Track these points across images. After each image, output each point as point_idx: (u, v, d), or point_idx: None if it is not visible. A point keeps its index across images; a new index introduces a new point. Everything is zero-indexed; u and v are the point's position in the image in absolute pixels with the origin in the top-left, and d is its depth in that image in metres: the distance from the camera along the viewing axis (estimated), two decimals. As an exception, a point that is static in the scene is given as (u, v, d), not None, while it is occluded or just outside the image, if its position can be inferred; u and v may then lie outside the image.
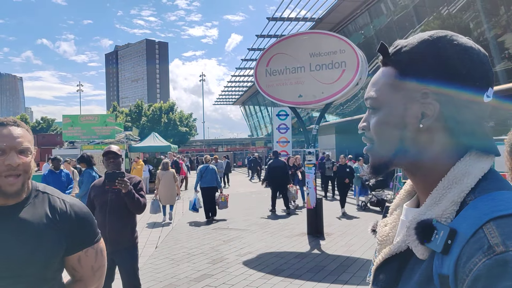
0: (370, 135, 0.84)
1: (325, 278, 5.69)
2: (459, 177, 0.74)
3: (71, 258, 1.54)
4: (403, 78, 0.78)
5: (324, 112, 9.16)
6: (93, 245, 1.59)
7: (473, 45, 0.78)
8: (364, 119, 0.86)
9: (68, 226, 1.50)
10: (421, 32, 0.81)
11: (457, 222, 0.69)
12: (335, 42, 8.22)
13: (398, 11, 20.49)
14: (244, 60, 30.93)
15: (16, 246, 1.38)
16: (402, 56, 0.79)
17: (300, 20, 22.49)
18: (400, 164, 0.82)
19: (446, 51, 0.76)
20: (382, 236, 0.87)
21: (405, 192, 0.93)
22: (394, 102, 0.79)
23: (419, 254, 0.72)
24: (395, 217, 0.89)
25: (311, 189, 8.47)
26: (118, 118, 41.49)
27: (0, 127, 1.43)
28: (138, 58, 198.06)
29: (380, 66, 0.86)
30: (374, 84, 0.84)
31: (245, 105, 60.44)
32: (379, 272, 0.82)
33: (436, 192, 0.75)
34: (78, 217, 1.55)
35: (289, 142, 20.10)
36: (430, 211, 0.73)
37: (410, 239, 0.73)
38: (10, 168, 1.37)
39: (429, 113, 0.76)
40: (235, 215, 11.40)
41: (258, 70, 8.80)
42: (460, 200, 0.72)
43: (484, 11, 15.47)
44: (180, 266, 6.39)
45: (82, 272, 1.58)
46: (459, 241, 0.66)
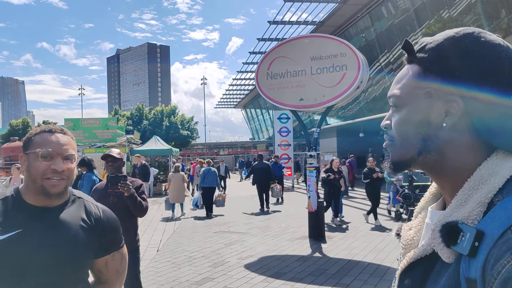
0: (392, 133, 0.82)
1: (326, 282, 5.68)
2: (486, 177, 0.71)
3: (99, 261, 1.63)
4: (427, 76, 0.77)
5: (325, 115, 9.17)
6: (119, 250, 1.70)
7: (502, 42, 0.75)
8: (387, 117, 0.85)
9: (100, 231, 1.60)
10: (442, 32, 0.80)
11: (484, 224, 0.66)
12: (336, 45, 8.24)
13: (399, 14, 20.52)
14: (245, 64, 31.00)
15: (58, 245, 1.47)
16: (427, 53, 0.78)
17: (301, 23, 22.54)
18: (423, 164, 0.79)
19: (473, 48, 0.73)
20: (406, 240, 0.85)
21: (430, 194, 0.90)
22: (418, 100, 0.78)
23: (445, 258, 0.69)
24: (419, 220, 0.87)
25: (312, 192, 8.47)
26: (119, 121, 41.56)
27: (49, 134, 1.52)
28: (139, 61, 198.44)
29: (405, 64, 0.84)
30: (398, 82, 0.83)
31: (247, 108, 60.48)
32: (404, 276, 0.80)
33: (461, 193, 0.72)
34: (109, 222, 1.66)
35: (290, 145, 20.11)
36: (456, 213, 0.71)
37: (436, 242, 0.70)
38: (55, 172, 1.46)
39: (452, 111, 0.74)
40: (236, 219, 11.40)
41: (259, 74, 8.82)
42: (487, 201, 0.69)
43: (485, 14, 15.48)
44: (181, 270, 6.39)
45: (107, 275, 1.67)
46: (487, 243, 0.63)
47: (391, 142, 0.83)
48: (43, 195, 1.47)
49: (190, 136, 52.21)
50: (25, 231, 1.44)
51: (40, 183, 1.45)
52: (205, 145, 60.52)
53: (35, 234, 1.45)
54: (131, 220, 3.85)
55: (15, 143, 39.38)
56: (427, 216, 0.84)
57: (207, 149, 57.57)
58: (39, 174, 1.45)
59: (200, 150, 58.67)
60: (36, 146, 1.49)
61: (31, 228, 1.45)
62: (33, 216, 1.47)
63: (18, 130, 57.88)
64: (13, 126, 58.93)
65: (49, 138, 1.50)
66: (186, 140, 51.38)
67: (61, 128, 1.57)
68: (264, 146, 53.60)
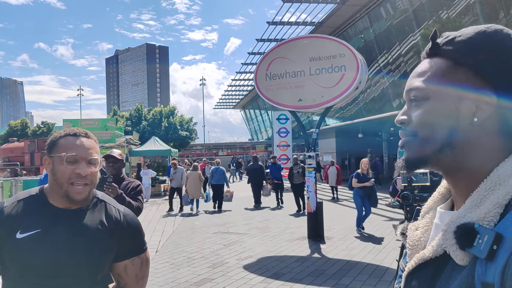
0: (412, 128, 0.78)
1: (325, 282, 5.68)
2: (504, 178, 0.68)
3: (118, 265, 1.62)
4: (459, 68, 0.74)
5: (324, 116, 9.18)
6: (140, 255, 1.67)
7: None
8: (403, 112, 0.81)
9: (120, 234, 1.59)
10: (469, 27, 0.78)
11: (503, 226, 0.63)
12: (335, 46, 8.25)
13: (398, 15, 20.55)
14: (244, 64, 31.03)
15: (75, 247, 1.47)
16: (458, 46, 0.75)
17: (300, 24, 22.57)
18: (441, 162, 0.76)
19: (505, 44, 0.72)
20: (413, 241, 0.82)
21: (439, 194, 0.87)
22: (447, 93, 0.74)
23: (458, 260, 0.66)
24: (427, 220, 0.84)
25: (311, 193, 8.48)
26: (118, 122, 41.52)
27: (73, 138, 1.54)
28: (138, 62, 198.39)
29: (423, 58, 0.82)
30: (420, 75, 0.79)
31: (246, 109, 60.53)
32: (411, 278, 0.77)
33: (477, 193, 0.70)
34: (129, 226, 1.64)
35: (289, 146, 20.13)
36: (470, 214, 0.68)
37: (448, 243, 0.68)
38: (79, 177, 1.47)
39: (484, 107, 0.71)
40: (235, 219, 11.41)
41: (258, 74, 8.83)
42: (505, 202, 0.66)
43: (483, 15, 15.51)
44: (180, 270, 6.39)
45: (126, 279, 1.66)
46: (507, 247, 0.61)
47: (411, 138, 0.78)
48: (67, 200, 1.49)
49: (189, 136, 52.21)
50: (44, 231, 1.45)
51: (65, 188, 1.48)
52: (204, 145, 60.54)
53: (53, 235, 1.46)
54: None
55: (13, 144, 39.36)
56: (436, 216, 0.82)
57: (206, 150, 57.58)
58: (65, 178, 1.48)
59: (199, 150, 58.67)
60: (61, 149, 1.50)
61: (50, 229, 1.47)
62: (54, 217, 1.49)
63: (17, 131, 57.79)
64: (12, 127, 58.84)
65: (74, 142, 1.52)
66: (185, 141, 51.37)
67: (85, 132, 1.58)
68: (263, 146, 53.63)
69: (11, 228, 1.43)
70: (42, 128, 61.52)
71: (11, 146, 39.04)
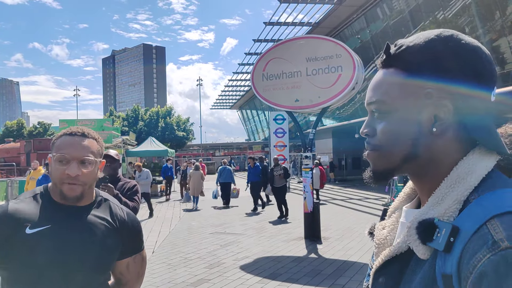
0: (376, 140, 0.80)
1: (322, 282, 5.68)
2: (463, 175, 0.72)
3: (121, 263, 1.64)
4: (415, 79, 0.75)
5: (321, 116, 9.19)
6: (141, 252, 1.71)
7: (480, 45, 0.76)
8: (367, 124, 0.82)
9: (125, 233, 1.61)
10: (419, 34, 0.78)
11: (460, 220, 0.67)
12: (331, 46, 8.26)
13: (394, 15, 20.61)
14: (241, 65, 31.02)
15: (82, 244, 1.47)
16: (411, 56, 0.76)
17: (297, 24, 22.59)
18: (409, 169, 0.79)
19: (458, 50, 0.73)
20: (380, 239, 0.85)
21: (404, 194, 0.90)
22: (406, 104, 0.76)
23: (420, 254, 0.69)
24: (393, 219, 0.87)
25: (308, 193, 8.49)
26: (115, 122, 41.41)
27: (68, 137, 1.52)
28: (135, 62, 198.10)
29: (379, 68, 0.83)
30: (378, 87, 0.80)
31: (242, 109, 60.52)
32: (378, 275, 0.80)
33: (439, 191, 0.73)
34: (132, 225, 1.67)
35: (286, 146, 20.14)
36: (432, 211, 0.71)
37: (411, 239, 0.71)
38: (69, 177, 1.46)
39: (442, 116, 0.74)
40: (232, 220, 11.41)
41: (255, 75, 8.83)
42: (463, 198, 0.70)
43: (479, 16, 15.58)
44: (177, 271, 6.38)
45: (129, 277, 1.68)
46: (462, 239, 0.64)
47: (376, 151, 0.80)
48: (62, 197, 1.50)
49: (186, 137, 52.14)
50: (54, 227, 1.45)
51: (59, 187, 1.49)
52: (201, 146, 60.49)
53: (62, 231, 1.46)
54: None
55: (9, 144, 39.28)
56: (401, 215, 0.84)
57: (203, 150, 57.51)
58: (57, 178, 1.48)
59: (196, 151, 58.58)
60: (56, 149, 1.50)
61: (59, 225, 1.47)
62: (61, 214, 1.50)
63: (13, 131, 57.56)
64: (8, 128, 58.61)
65: (67, 141, 1.51)
66: (182, 141, 51.30)
67: (82, 131, 1.55)
68: (260, 147, 53.62)
69: (19, 223, 1.42)
70: (38, 128, 61.30)
71: (7, 147, 38.98)
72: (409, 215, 0.79)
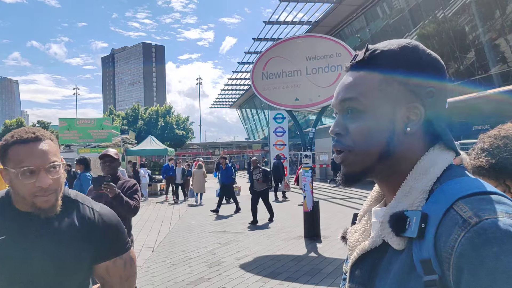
0: (349, 141, 0.81)
1: (322, 281, 5.69)
2: (426, 167, 0.77)
3: (99, 267, 1.51)
4: (390, 82, 0.79)
5: (320, 115, 9.19)
6: (122, 255, 1.56)
7: (439, 57, 0.83)
8: (337, 123, 0.83)
9: (96, 236, 1.47)
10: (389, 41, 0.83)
11: (427, 207, 0.72)
12: (331, 45, 8.26)
13: (394, 14, 20.61)
14: (240, 63, 31.00)
15: (43, 254, 1.36)
16: (387, 61, 0.79)
17: (297, 23, 22.58)
18: (378, 171, 0.81)
19: (426, 58, 0.79)
20: (352, 242, 0.87)
21: (372, 198, 0.93)
22: (382, 105, 0.79)
23: (395, 245, 0.73)
24: (364, 223, 0.89)
25: (307, 192, 8.49)
26: (114, 121, 41.41)
27: (23, 146, 1.35)
28: (134, 61, 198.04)
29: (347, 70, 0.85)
30: (352, 87, 0.81)
31: (242, 108, 60.52)
32: (355, 268, 0.83)
33: (405, 185, 0.77)
34: (106, 226, 1.51)
35: (286, 145, 20.14)
36: (401, 203, 0.75)
37: (385, 232, 0.74)
38: (41, 190, 1.33)
39: (414, 118, 0.78)
40: (231, 218, 11.41)
41: (255, 74, 8.82)
42: (428, 188, 0.74)
43: (479, 15, 15.57)
44: (177, 270, 6.38)
45: (111, 281, 1.55)
46: (432, 223, 0.68)
47: (348, 152, 0.81)
48: (35, 210, 1.37)
49: (186, 136, 52.16)
50: (10, 238, 1.34)
51: (30, 200, 1.35)
52: (200, 145, 60.47)
53: (22, 241, 1.35)
54: (123, 220, 3.83)
55: (9, 143, 39.21)
56: (372, 217, 0.86)
57: (202, 149, 57.51)
58: (27, 193, 1.34)
59: (195, 150, 58.58)
60: (13, 163, 1.33)
61: (17, 235, 1.35)
62: (20, 223, 1.37)
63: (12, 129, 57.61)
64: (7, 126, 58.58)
65: (25, 151, 1.33)
66: (182, 140, 51.31)
67: (35, 134, 1.38)
68: (259, 146, 53.63)
69: None
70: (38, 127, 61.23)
71: (6, 145, 38.95)
72: (379, 213, 0.82)
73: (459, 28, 17.02)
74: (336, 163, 0.84)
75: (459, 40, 17.14)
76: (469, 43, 16.67)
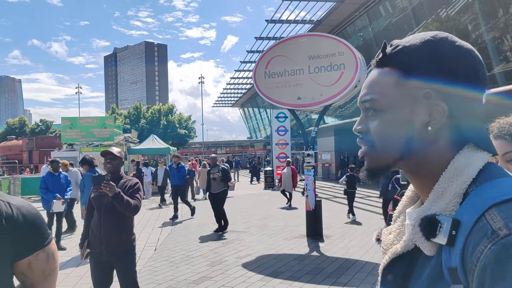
0: (370, 138, 0.81)
1: (324, 280, 5.68)
2: (460, 168, 0.73)
3: (21, 263, 1.41)
4: (410, 79, 0.76)
5: (323, 114, 9.17)
6: (44, 248, 1.47)
7: (472, 47, 0.78)
8: (360, 121, 0.84)
9: (15, 230, 1.38)
10: (418, 33, 0.80)
11: (459, 213, 0.68)
12: (334, 44, 8.25)
13: (397, 13, 20.54)
14: (243, 62, 30.98)
15: None
16: (407, 57, 0.77)
17: (299, 22, 22.54)
18: (403, 166, 0.80)
19: (452, 52, 0.75)
20: (387, 245, 0.85)
21: (407, 198, 0.90)
22: (400, 103, 0.77)
23: (426, 251, 0.70)
24: (399, 224, 0.87)
25: (310, 191, 8.48)
26: (117, 120, 41.46)
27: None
28: (137, 60, 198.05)
29: (374, 67, 0.83)
30: (373, 85, 0.81)
31: (244, 107, 60.49)
32: (387, 272, 0.81)
33: (438, 186, 0.74)
34: (26, 220, 1.42)
35: (288, 144, 20.13)
36: (434, 206, 0.72)
37: (416, 236, 0.71)
38: None
39: (436, 115, 0.74)
40: (234, 217, 11.41)
41: (257, 72, 8.82)
42: (463, 191, 0.71)
43: (482, 14, 15.51)
44: (179, 268, 6.39)
45: (33, 277, 1.46)
46: (463, 231, 0.65)
47: (370, 148, 0.81)
48: None
49: (188, 135, 52.17)
50: None
51: None
52: (202, 144, 60.46)
53: None
54: (125, 219, 3.82)
55: (12, 142, 39.33)
56: (406, 218, 0.84)
57: (204, 148, 57.51)
58: None
59: (197, 149, 58.59)
60: None
61: None
62: None
63: (15, 129, 57.66)
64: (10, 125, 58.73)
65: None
66: (184, 139, 51.34)
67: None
68: (262, 145, 53.61)
69: None
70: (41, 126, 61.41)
71: (9, 144, 39.04)
72: (412, 215, 0.80)
73: (462, 26, 16.96)
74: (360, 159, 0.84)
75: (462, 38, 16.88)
76: (472, 42, 16.63)
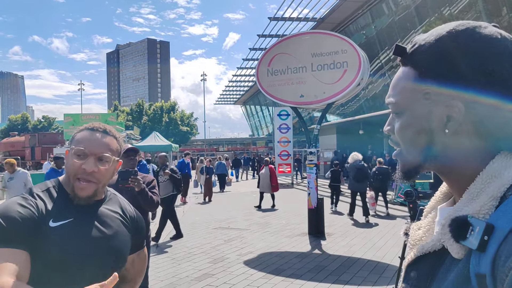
0: (396, 139, 0.80)
1: (326, 278, 5.69)
2: (500, 170, 0.68)
3: (128, 258, 1.60)
4: (424, 80, 0.73)
5: (325, 112, 9.16)
6: (143, 249, 1.72)
7: (499, 35, 0.70)
8: (388, 122, 0.83)
9: (134, 228, 1.61)
10: (434, 29, 0.76)
11: (495, 217, 0.63)
12: (337, 42, 8.23)
13: (400, 11, 20.47)
14: (245, 60, 30.94)
15: (102, 238, 1.47)
16: (421, 56, 0.74)
17: (302, 20, 22.48)
18: (431, 168, 0.78)
19: (467, 48, 0.69)
20: (415, 240, 0.82)
21: (441, 193, 0.87)
22: (416, 106, 0.75)
23: (454, 253, 0.66)
24: (429, 220, 0.84)
25: (312, 189, 8.48)
26: (119, 117, 41.52)
27: (89, 132, 1.50)
28: (139, 57, 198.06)
29: (400, 66, 0.81)
30: (394, 87, 0.79)
31: (246, 104, 60.42)
32: (410, 269, 0.78)
33: (473, 187, 0.69)
34: (140, 222, 1.67)
35: (290, 142, 20.11)
36: (467, 207, 0.68)
37: (445, 237, 0.68)
38: (84, 172, 1.43)
39: (454, 116, 0.70)
40: (236, 215, 11.42)
41: (260, 70, 8.81)
42: (500, 194, 0.66)
43: (485, 12, 15.45)
44: (181, 265, 6.40)
45: (133, 273, 1.67)
46: (497, 237, 0.61)
47: (399, 151, 0.81)
48: (72, 195, 1.46)
49: (190, 132, 52.27)
50: (75, 221, 1.43)
51: (72, 183, 1.45)
52: (204, 141, 60.51)
53: (83, 225, 1.45)
54: (143, 214, 3.86)
55: (14, 138, 39.44)
56: (437, 215, 0.82)
57: (206, 145, 57.56)
58: (72, 172, 1.45)
59: (199, 146, 58.67)
60: (75, 143, 1.47)
61: (79, 219, 1.44)
62: (78, 208, 1.46)
63: (17, 125, 57.83)
64: (12, 121, 58.87)
65: (87, 136, 1.48)
66: (186, 136, 51.45)
67: (104, 128, 1.53)
68: (263, 142, 53.62)
69: (44, 215, 1.38)
70: (43, 122, 61.56)
71: (12, 140, 39.14)
72: (444, 213, 0.76)
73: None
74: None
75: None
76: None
